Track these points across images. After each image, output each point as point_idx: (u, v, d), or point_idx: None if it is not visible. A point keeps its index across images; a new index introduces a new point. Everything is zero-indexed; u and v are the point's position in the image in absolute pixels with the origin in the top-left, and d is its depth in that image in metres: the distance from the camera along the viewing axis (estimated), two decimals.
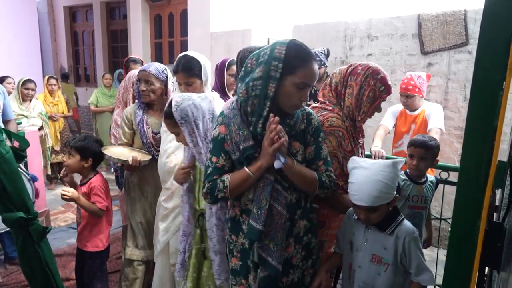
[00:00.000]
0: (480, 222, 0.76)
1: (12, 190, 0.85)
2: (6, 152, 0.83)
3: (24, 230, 0.87)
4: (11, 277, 2.99)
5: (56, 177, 5.35)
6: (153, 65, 2.23)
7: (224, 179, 1.43)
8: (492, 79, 0.73)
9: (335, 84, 1.72)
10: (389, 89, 1.64)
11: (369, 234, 1.49)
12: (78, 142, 2.16)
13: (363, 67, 1.64)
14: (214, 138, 1.49)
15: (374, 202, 1.38)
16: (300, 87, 1.39)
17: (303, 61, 1.39)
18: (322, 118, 1.64)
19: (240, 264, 1.52)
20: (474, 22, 3.37)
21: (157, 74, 2.19)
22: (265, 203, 1.42)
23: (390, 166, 1.40)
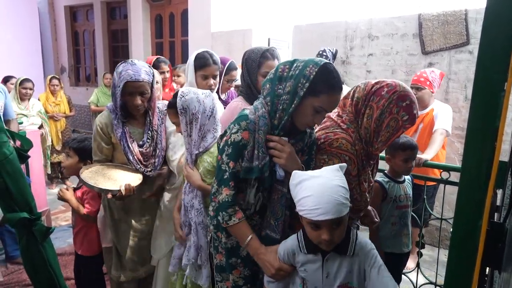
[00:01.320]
0: (481, 222, 0.76)
1: (16, 190, 0.85)
2: (10, 153, 0.83)
3: (28, 230, 0.87)
4: (12, 276, 3.00)
5: (57, 176, 5.36)
6: (140, 70, 1.86)
7: (233, 217, 1.42)
8: (494, 80, 0.73)
9: (356, 99, 1.58)
10: (414, 119, 1.47)
11: (329, 265, 1.29)
12: (77, 143, 2.10)
13: (389, 89, 1.48)
14: (235, 143, 1.42)
15: (339, 211, 1.17)
16: (317, 110, 1.40)
17: (329, 88, 1.38)
18: (332, 136, 1.55)
19: (225, 261, 1.56)
20: (475, 22, 3.37)
21: (149, 79, 1.91)
22: (281, 214, 1.47)
23: (339, 170, 1.29)
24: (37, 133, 3.85)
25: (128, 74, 1.81)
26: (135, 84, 1.83)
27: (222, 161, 1.44)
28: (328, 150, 1.53)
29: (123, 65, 1.86)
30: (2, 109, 3.00)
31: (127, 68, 1.83)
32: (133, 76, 1.81)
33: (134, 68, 1.83)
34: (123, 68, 1.84)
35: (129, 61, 1.88)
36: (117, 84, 1.84)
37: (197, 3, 5.37)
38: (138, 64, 1.88)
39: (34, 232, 0.86)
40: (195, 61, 2.14)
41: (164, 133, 2.08)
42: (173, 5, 6.25)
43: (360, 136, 1.57)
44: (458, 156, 3.55)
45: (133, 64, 1.86)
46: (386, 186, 2.07)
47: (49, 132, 4.82)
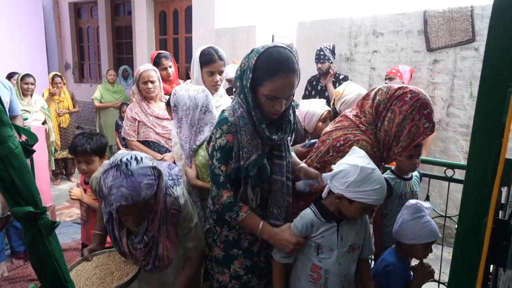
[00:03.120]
0: (486, 220, 0.76)
1: (21, 185, 0.86)
2: (16, 147, 0.84)
3: (33, 224, 0.88)
4: (17, 271, 3.03)
5: (61, 172, 5.39)
6: (140, 185, 1.32)
7: (240, 212, 1.47)
8: (501, 76, 0.72)
9: (377, 102, 1.60)
10: (434, 127, 1.54)
11: (343, 230, 1.49)
12: (95, 145, 2.03)
13: (412, 95, 1.53)
14: (221, 147, 1.45)
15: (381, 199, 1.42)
16: (269, 98, 1.38)
17: (270, 74, 1.34)
18: (353, 138, 1.58)
19: (223, 254, 1.61)
20: (481, 18, 3.34)
21: (152, 191, 1.44)
22: (283, 202, 1.54)
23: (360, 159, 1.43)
24: (42, 129, 3.87)
25: (122, 195, 1.28)
26: (131, 208, 1.34)
27: (214, 165, 1.49)
28: (348, 151, 1.53)
29: (114, 174, 1.29)
30: (8, 104, 3.01)
31: (120, 183, 1.28)
32: (128, 198, 1.28)
33: (130, 185, 1.28)
34: (114, 182, 1.29)
35: (123, 167, 1.29)
36: (106, 197, 1.32)
37: (201, 0, 5.37)
38: (136, 172, 1.30)
39: (39, 226, 0.87)
40: (201, 57, 2.14)
41: (166, 233, 1.55)
42: (177, 2, 6.25)
43: (377, 138, 1.60)
44: (463, 154, 3.53)
45: (129, 175, 1.28)
46: (391, 183, 2.07)
47: (52, 128, 4.84)
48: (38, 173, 3.18)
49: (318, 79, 4.06)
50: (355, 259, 1.54)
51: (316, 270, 1.50)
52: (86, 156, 2.01)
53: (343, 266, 1.49)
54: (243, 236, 1.58)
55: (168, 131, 2.82)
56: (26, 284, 2.83)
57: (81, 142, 2.01)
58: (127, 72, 6.49)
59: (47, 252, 0.89)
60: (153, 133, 2.81)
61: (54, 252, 0.94)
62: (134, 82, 5.67)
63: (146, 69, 2.79)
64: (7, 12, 6.22)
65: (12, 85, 3.37)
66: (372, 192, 1.36)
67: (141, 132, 2.81)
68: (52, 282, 0.96)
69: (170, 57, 3.60)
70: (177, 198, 1.50)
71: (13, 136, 0.83)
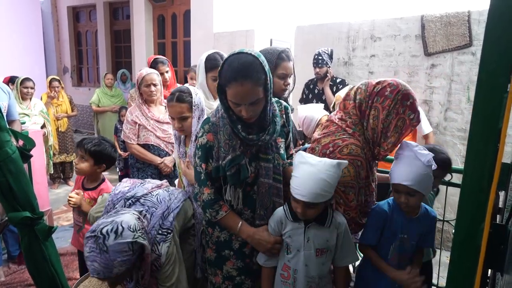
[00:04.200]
0: (484, 224, 0.76)
1: (18, 190, 0.86)
2: (13, 152, 0.84)
3: (30, 229, 0.88)
4: (14, 276, 3.01)
5: (59, 176, 5.37)
6: (112, 263, 1.32)
7: (220, 211, 1.53)
8: (497, 81, 0.73)
9: (359, 101, 1.58)
10: (419, 116, 1.52)
11: (310, 232, 1.50)
12: (94, 147, 2.07)
13: (392, 89, 1.51)
14: (202, 146, 1.52)
15: (315, 199, 1.39)
16: (233, 103, 1.42)
17: (228, 81, 1.37)
18: (341, 143, 1.56)
19: (215, 255, 1.65)
20: (478, 23, 3.36)
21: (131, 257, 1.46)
22: (270, 202, 1.57)
23: (335, 166, 1.40)
24: (39, 133, 3.86)
25: (95, 269, 1.28)
26: (105, 280, 1.35)
27: (196, 164, 1.55)
28: (339, 157, 1.53)
29: (91, 246, 1.28)
30: (6, 109, 3.00)
31: (94, 258, 1.27)
32: (100, 274, 1.29)
33: (103, 262, 1.27)
34: (89, 254, 1.28)
35: (100, 241, 1.27)
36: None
37: (200, 4, 5.38)
38: (111, 249, 1.28)
39: (36, 231, 0.86)
40: (206, 62, 2.16)
41: None
42: (176, 6, 6.26)
43: (366, 138, 1.58)
44: (460, 158, 3.54)
45: (104, 251, 1.27)
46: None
47: (51, 132, 4.82)
48: (36, 177, 3.17)
49: (315, 83, 4.07)
50: (324, 263, 1.53)
51: (286, 269, 1.54)
52: (82, 151, 2.08)
53: (310, 268, 1.51)
54: (234, 237, 1.61)
55: (168, 135, 2.83)
56: None
57: (89, 139, 2.12)
58: (125, 76, 6.48)
59: (43, 257, 0.89)
60: (154, 137, 2.81)
61: (51, 257, 0.93)
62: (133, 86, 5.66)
63: (149, 72, 2.80)
64: (5, 15, 6.22)
65: (11, 89, 3.37)
66: (296, 182, 1.41)
67: (141, 136, 2.81)
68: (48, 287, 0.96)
69: (166, 62, 3.59)
70: (159, 256, 1.52)
71: (11, 141, 0.82)
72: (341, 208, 1.60)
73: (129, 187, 1.69)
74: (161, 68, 3.46)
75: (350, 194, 1.56)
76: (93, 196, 2.14)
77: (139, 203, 1.61)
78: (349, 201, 1.57)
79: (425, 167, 1.50)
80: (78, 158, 2.11)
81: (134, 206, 1.60)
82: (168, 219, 1.60)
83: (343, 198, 1.58)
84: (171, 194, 1.72)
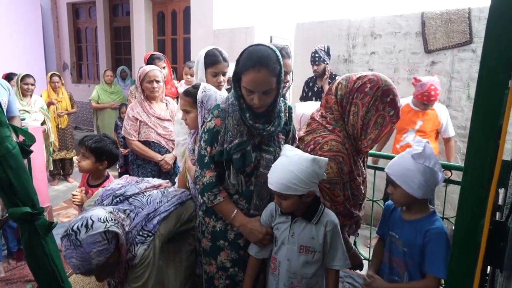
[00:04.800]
0: (484, 221, 0.76)
1: (19, 185, 0.86)
2: (13, 148, 0.84)
3: (30, 224, 0.88)
4: (14, 272, 3.01)
5: (59, 173, 5.37)
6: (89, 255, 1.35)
7: (218, 196, 1.57)
8: (498, 78, 0.73)
9: (340, 97, 1.58)
10: (399, 112, 1.52)
11: (296, 227, 1.52)
12: (94, 144, 2.06)
13: (372, 85, 1.50)
14: (209, 130, 1.58)
15: (281, 189, 1.41)
16: (247, 91, 1.48)
17: (246, 67, 1.44)
18: (321, 140, 1.58)
19: (210, 245, 1.68)
20: (478, 20, 3.35)
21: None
22: (267, 194, 1.60)
23: (309, 161, 1.40)
24: (39, 130, 3.85)
25: (74, 265, 1.31)
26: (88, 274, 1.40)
27: (201, 147, 1.60)
28: (321, 155, 1.53)
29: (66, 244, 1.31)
30: (6, 105, 3.00)
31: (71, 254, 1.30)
32: (80, 268, 1.33)
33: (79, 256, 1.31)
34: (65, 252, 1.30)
35: (73, 237, 1.31)
36: None
37: (199, 1, 5.37)
38: (84, 242, 1.32)
39: (36, 226, 0.86)
40: (205, 58, 2.17)
41: None
42: (175, 3, 6.24)
43: (347, 133, 1.59)
44: (460, 155, 3.54)
45: (78, 246, 1.30)
46: None
47: (51, 129, 4.82)
48: (35, 173, 3.16)
49: (314, 81, 4.07)
50: (309, 262, 1.52)
51: (273, 261, 1.58)
52: (83, 148, 2.08)
53: (292, 263, 1.51)
54: (229, 227, 1.64)
55: (169, 132, 2.83)
56: (23, 285, 2.82)
57: (90, 136, 2.12)
58: (125, 73, 6.47)
59: (44, 252, 0.89)
60: (154, 134, 2.81)
61: (51, 252, 0.94)
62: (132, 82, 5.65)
63: (152, 69, 2.80)
64: (5, 12, 6.21)
65: (11, 86, 3.36)
66: (270, 171, 1.46)
67: (142, 132, 2.81)
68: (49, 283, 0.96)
69: (163, 58, 3.58)
70: (134, 256, 1.52)
71: (11, 136, 0.82)
72: (327, 204, 1.60)
73: (122, 184, 1.68)
74: (158, 64, 3.46)
75: (335, 190, 1.57)
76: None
77: (127, 202, 1.61)
78: (335, 196, 1.58)
79: (413, 163, 1.47)
80: (80, 155, 2.11)
81: (121, 204, 1.59)
82: (152, 222, 1.59)
83: (329, 195, 1.59)
84: (164, 197, 1.71)
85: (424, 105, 3.06)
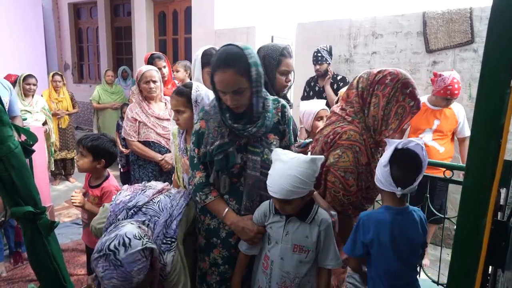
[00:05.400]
0: (485, 221, 0.76)
1: (21, 184, 0.86)
2: (16, 147, 0.84)
3: (32, 224, 0.88)
4: (16, 271, 3.02)
5: (60, 173, 5.38)
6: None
7: (209, 195, 1.60)
8: (499, 78, 0.73)
9: (361, 89, 1.63)
10: (419, 103, 1.55)
11: (290, 226, 1.53)
12: (91, 142, 2.07)
13: (392, 77, 1.55)
14: (196, 132, 1.63)
15: (287, 195, 1.41)
16: (220, 91, 1.50)
17: (215, 69, 1.47)
18: (340, 130, 1.62)
19: (205, 242, 1.72)
20: (480, 20, 3.35)
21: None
22: (256, 195, 1.62)
23: (307, 162, 1.42)
24: (41, 130, 3.86)
25: (114, 286, 1.27)
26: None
27: (191, 149, 1.66)
28: (339, 143, 1.58)
29: (104, 265, 1.26)
30: (8, 105, 3.01)
31: (111, 275, 1.26)
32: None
33: (121, 276, 1.27)
34: (104, 274, 1.26)
35: (112, 257, 1.26)
36: (100, 283, 1.30)
37: (201, 1, 5.37)
38: (125, 261, 1.27)
39: (38, 226, 0.87)
40: (202, 57, 2.16)
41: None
42: (177, 3, 6.24)
43: (366, 125, 1.62)
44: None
45: (118, 266, 1.26)
46: None
47: (53, 129, 4.82)
48: (37, 173, 3.17)
49: (316, 80, 4.06)
50: (303, 262, 1.53)
51: (266, 260, 1.59)
52: (81, 147, 2.09)
53: (285, 262, 1.52)
54: (222, 226, 1.67)
55: (169, 132, 2.83)
56: (25, 285, 2.82)
57: (87, 136, 2.13)
58: (126, 73, 6.48)
59: (46, 252, 0.89)
60: (154, 134, 2.81)
61: (53, 252, 0.94)
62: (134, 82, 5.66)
63: (148, 69, 2.80)
64: (6, 12, 6.22)
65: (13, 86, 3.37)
66: (269, 179, 1.45)
67: (141, 133, 2.81)
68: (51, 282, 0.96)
69: (163, 57, 3.59)
70: (164, 265, 1.52)
71: (13, 136, 0.83)
72: (339, 193, 1.61)
73: (130, 195, 1.65)
74: (158, 63, 3.46)
75: (349, 179, 1.59)
76: (96, 194, 2.14)
77: (141, 212, 1.59)
78: (348, 186, 1.60)
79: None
80: (79, 155, 2.13)
81: (136, 216, 1.57)
82: (171, 227, 1.59)
83: (342, 183, 1.60)
84: (172, 200, 1.71)
85: (447, 100, 2.93)
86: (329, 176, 1.64)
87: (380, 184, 1.47)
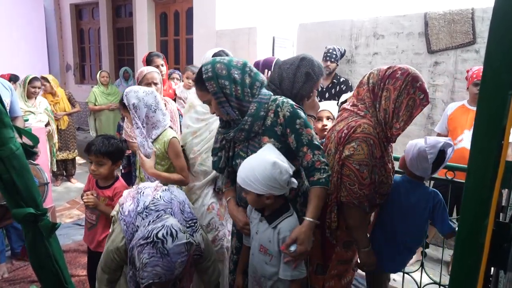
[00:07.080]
0: (487, 222, 0.76)
1: (22, 186, 0.86)
2: (17, 149, 0.84)
3: (34, 225, 0.88)
4: (18, 272, 3.03)
5: (61, 174, 5.38)
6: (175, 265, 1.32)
7: (223, 185, 1.85)
8: (501, 79, 0.72)
9: (372, 85, 1.68)
10: (428, 96, 1.60)
11: (261, 225, 1.58)
12: (106, 148, 2.03)
13: (403, 71, 1.60)
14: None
15: (241, 182, 1.48)
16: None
17: (195, 82, 1.64)
18: (354, 124, 1.64)
19: (232, 228, 1.91)
20: (482, 21, 3.34)
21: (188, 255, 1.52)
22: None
23: (269, 163, 1.42)
24: (43, 130, 3.87)
25: (157, 274, 1.28)
26: (163, 285, 1.33)
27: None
28: (354, 137, 1.61)
29: (151, 252, 1.28)
30: (9, 106, 3.01)
31: (156, 263, 1.27)
32: (162, 277, 1.29)
33: (166, 265, 1.28)
34: (149, 260, 1.27)
35: (159, 245, 1.28)
36: (138, 270, 1.31)
37: (202, 1, 5.37)
38: (172, 251, 1.28)
39: (40, 227, 0.87)
40: None
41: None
42: (178, 3, 6.25)
43: (378, 119, 1.65)
44: None
45: (165, 254, 1.27)
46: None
47: (55, 130, 4.82)
48: None
49: None
50: (268, 264, 1.53)
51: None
52: (98, 157, 2.03)
53: (254, 260, 1.60)
54: None
55: None
56: (27, 286, 2.83)
57: (97, 142, 2.05)
58: (128, 74, 6.49)
59: (47, 253, 0.89)
60: None
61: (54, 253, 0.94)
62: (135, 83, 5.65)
63: (150, 71, 2.80)
64: (8, 12, 6.24)
65: (15, 88, 3.37)
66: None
67: None
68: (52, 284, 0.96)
69: (161, 56, 3.60)
70: (198, 245, 1.53)
71: (14, 137, 0.83)
72: (355, 186, 1.63)
73: (132, 202, 1.62)
74: (155, 60, 3.47)
75: (364, 172, 1.61)
76: (108, 194, 2.13)
77: (153, 210, 1.56)
78: (362, 179, 1.62)
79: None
80: (94, 164, 2.06)
81: (150, 215, 1.54)
82: (186, 211, 1.61)
83: (357, 176, 1.62)
84: (168, 191, 1.70)
85: (478, 86, 2.94)
86: (344, 170, 1.65)
87: (416, 170, 1.81)
